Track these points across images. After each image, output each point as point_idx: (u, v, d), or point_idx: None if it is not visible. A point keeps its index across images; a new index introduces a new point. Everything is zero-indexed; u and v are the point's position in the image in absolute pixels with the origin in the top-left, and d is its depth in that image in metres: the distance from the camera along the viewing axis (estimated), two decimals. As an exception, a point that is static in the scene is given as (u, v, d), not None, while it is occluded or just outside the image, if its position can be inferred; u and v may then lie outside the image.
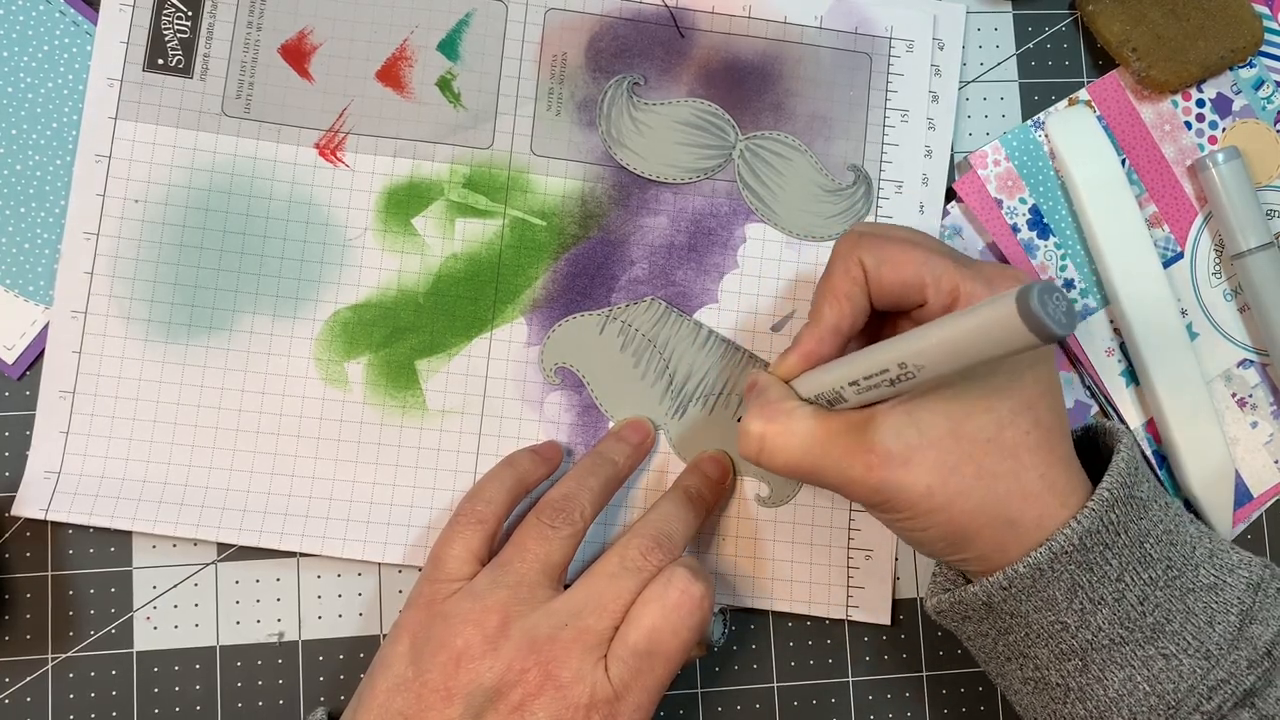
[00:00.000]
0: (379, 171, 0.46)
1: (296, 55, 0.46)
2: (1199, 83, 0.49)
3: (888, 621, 0.47)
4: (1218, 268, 0.49)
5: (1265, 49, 0.49)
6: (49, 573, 0.45)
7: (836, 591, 0.47)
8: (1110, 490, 0.36)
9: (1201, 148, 0.49)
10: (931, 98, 0.48)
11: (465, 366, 0.46)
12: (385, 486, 0.46)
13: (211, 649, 0.45)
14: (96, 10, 0.45)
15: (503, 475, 0.43)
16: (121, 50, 0.46)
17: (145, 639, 0.45)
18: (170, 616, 0.45)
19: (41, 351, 0.45)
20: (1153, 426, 0.48)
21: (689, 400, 0.47)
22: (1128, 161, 0.48)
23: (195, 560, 0.45)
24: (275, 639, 0.46)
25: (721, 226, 0.47)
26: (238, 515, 0.45)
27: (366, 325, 0.46)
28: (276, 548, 0.45)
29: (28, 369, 0.46)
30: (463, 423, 0.46)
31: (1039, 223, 0.48)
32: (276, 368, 0.46)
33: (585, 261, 0.47)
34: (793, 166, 0.47)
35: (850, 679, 0.47)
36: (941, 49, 0.48)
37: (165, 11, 0.46)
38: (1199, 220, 0.49)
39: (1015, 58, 0.49)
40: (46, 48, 0.46)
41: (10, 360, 0.45)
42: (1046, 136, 0.48)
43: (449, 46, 0.47)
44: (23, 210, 0.45)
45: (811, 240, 0.47)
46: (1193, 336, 0.48)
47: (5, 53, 0.45)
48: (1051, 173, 0.48)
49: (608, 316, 0.47)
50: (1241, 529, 0.48)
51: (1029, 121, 0.48)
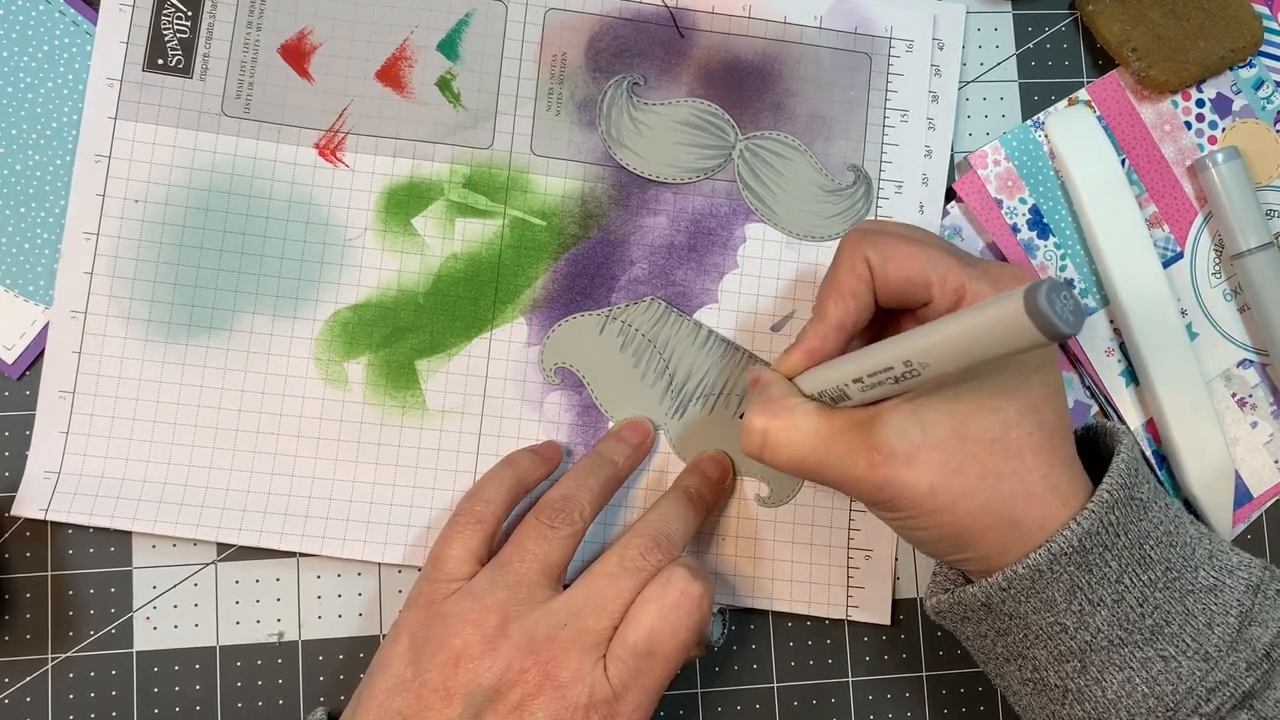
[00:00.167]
0: (379, 171, 0.46)
1: (296, 55, 0.46)
2: (1199, 83, 0.49)
3: (888, 621, 0.47)
4: (1217, 268, 0.49)
5: (1265, 49, 0.49)
6: (49, 573, 0.45)
7: (836, 591, 0.47)
8: (1110, 492, 0.36)
9: (1201, 148, 0.49)
10: (931, 98, 0.48)
11: (465, 366, 0.46)
12: (385, 486, 0.46)
13: (211, 649, 0.45)
14: (96, 10, 0.45)
15: (502, 475, 0.43)
16: (121, 50, 0.46)
17: (145, 639, 0.45)
18: (170, 616, 0.45)
19: (41, 351, 0.45)
20: (1153, 426, 0.48)
21: (689, 400, 0.47)
22: (1128, 161, 0.48)
23: (195, 560, 0.45)
24: (275, 639, 0.46)
25: (721, 226, 0.47)
26: (238, 515, 0.45)
27: (366, 325, 0.46)
28: (276, 548, 0.45)
29: (28, 369, 0.46)
30: (463, 423, 0.46)
31: (1039, 223, 0.47)
32: (276, 368, 0.46)
33: (585, 261, 0.47)
34: (793, 166, 0.47)
35: (850, 679, 0.47)
36: (941, 49, 0.48)
37: (165, 11, 0.46)
38: (1199, 220, 0.48)
39: (1015, 58, 0.49)
40: (46, 48, 0.46)
41: (10, 360, 0.45)
42: (1046, 136, 0.48)
43: (449, 46, 0.47)
44: (23, 210, 0.45)
45: (811, 240, 0.47)
46: (1193, 336, 0.48)
47: (5, 53, 0.45)
48: (1051, 173, 0.48)
49: (608, 316, 0.47)
50: (1241, 529, 0.48)
51: (1029, 121, 0.48)
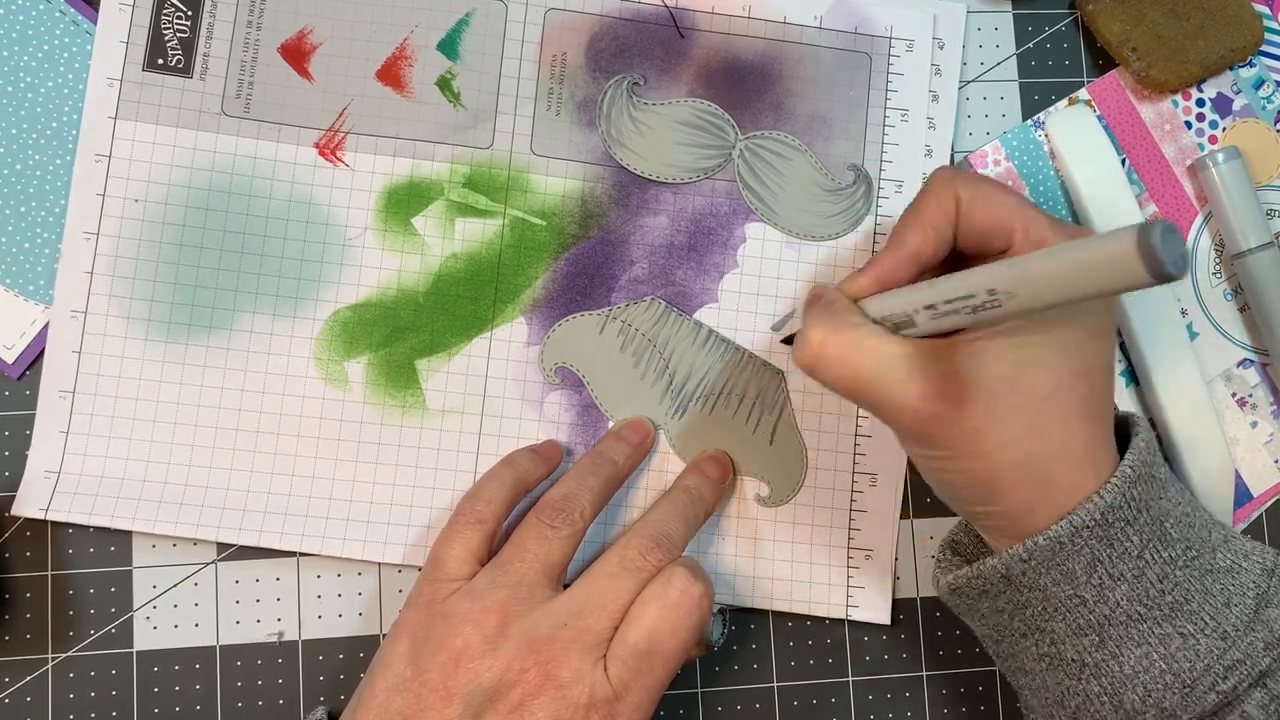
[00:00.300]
0: (379, 171, 0.46)
1: (296, 55, 0.46)
2: (1199, 82, 0.49)
3: (888, 621, 0.47)
4: (1218, 267, 0.49)
5: (1265, 48, 0.49)
6: (49, 572, 0.45)
7: (836, 591, 0.47)
8: (1133, 468, 0.36)
9: (1201, 147, 0.49)
10: (931, 97, 0.48)
11: (465, 366, 0.46)
12: (385, 486, 0.46)
13: (211, 649, 0.45)
14: (96, 10, 0.45)
15: (502, 475, 0.43)
16: (121, 50, 0.46)
17: (145, 639, 0.45)
18: (170, 616, 0.45)
19: (41, 351, 0.45)
20: (1153, 426, 0.48)
21: (689, 400, 0.47)
22: (1128, 161, 0.48)
23: (195, 560, 0.45)
24: (275, 639, 0.46)
25: (721, 226, 0.47)
26: (238, 515, 0.45)
27: (366, 325, 0.46)
28: (276, 547, 0.45)
29: (28, 369, 0.46)
30: (463, 422, 0.46)
31: (1039, 222, 0.47)
32: (276, 367, 0.46)
33: (585, 261, 0.47)
34: (793, 166, 0.47)
35: (850, 679, 0.47)
36: (941, 48, 0.48)
37: (165, 11, 0.46)
38: (1199, 220, 0.49)
39: (1015, 57, 0.49)
40: (46, 48, 0.46)
41: (10, 360, 0.45)
42: (1046, 136, 0.48)
43: (449, 46, 0.47)
44: (23, 210, 0.45)
45: (811, 240, 0.47)
46: (1193, 336, 0.48)
47: (5, 53, 0.45)
48: (1051, 172, 0.48)
49: (608, 316, 0.47)
50: (1241, 529, 0.48)
51: (1029, 121, 0.48)
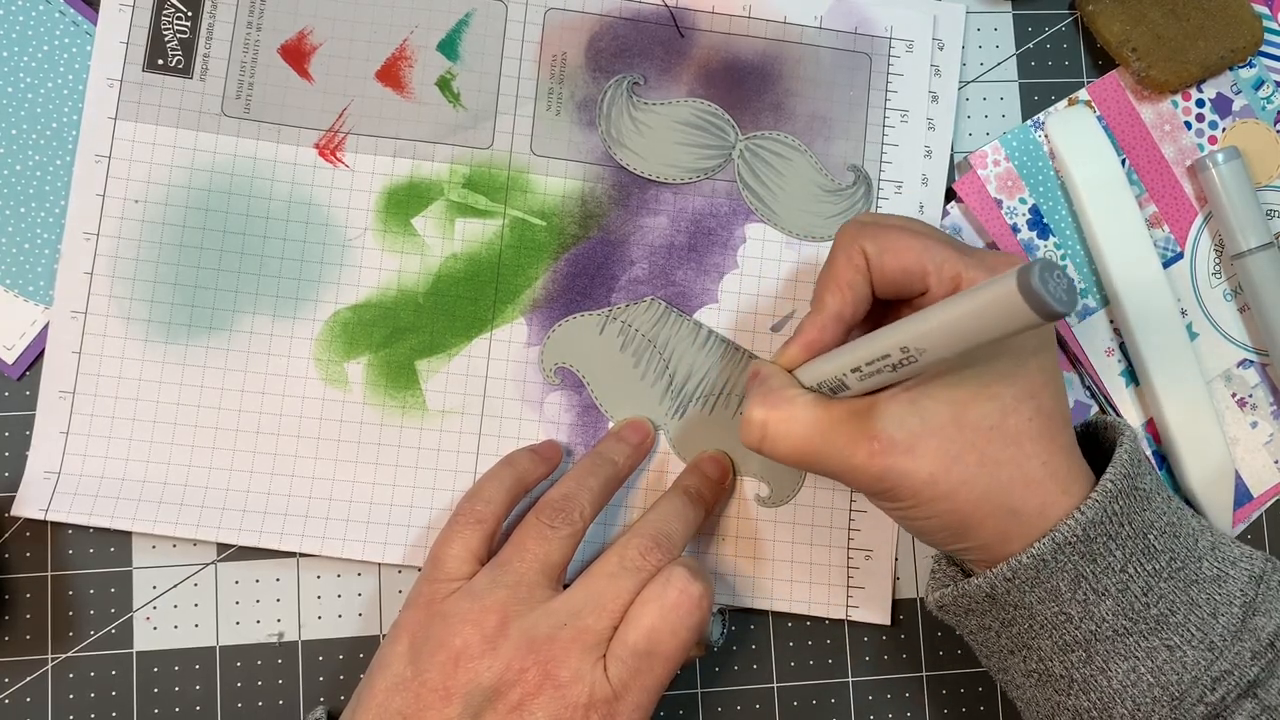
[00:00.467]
0: (379, 171, 0.46)
1: (296, 55, 0.46)
2: (1199, 83, 0.49)
3: (888, 621, 0.47)
4: (1218, 268, 0.49)
5: (1265, 49, 0.49)
6: (49, 573, 0.45)
7: (836, 591, 0.47)
8: (1114, 481, 0.36)
9: (1201, 148, 0.49)
10: (931, 98, 0.48)
11: (465, 366, 0.46)
12: (385, 486, 0.46)
13: (211, 649, 0.45)
14: (96, 10, 0.46)
15: (502, 475, 0.43)
16: (121, 50, 0.46)
17: (145, 639, 0.45)
18: (170, 616, 0.45)
19: (41, 351, 0.45)
20: (1153, 426, 0.48)
21: (689, 400, 0.47)
22: (1128, 161, 0.48)
23: (195, 560, 0.45)
24: (275, 639, 0.46)
25: (721, 226, 0.47)
26: (238, 515, 0.45)
27: (366, 325, 0.46)
28: (276, 548, 0.45)
29: (28, 369, 0.46)
30: (463, 423, 0.46)
31: (1039, 223, 0.47)
32: (276, 368, 0.46)
33: (585, 261, 0.47)
34: (793, 166, 0.47)
35: (850, 679, 0.47)
36: (941, 49, 0.48)
37: (165, 12, 0.46)
38: (1199, 220, 0.48)
39: (1015, 58, 0.49)
40: (46, 48, 0.46)
41: (10, 360, 0.45)
42: (1046, 136, 0.48)
43: (449, 46, 0.47)
44: (23, 210, 0.45)
45: (811, 240, 0.47)
46: (1193, 336, 0.48)
47: (5, 53, 0.45)
48: (1051, 173, 0.48)
49: (608, 316, 0.47)
50: (1241, 529, 0.48)
51: (1029, 121, 0.48)
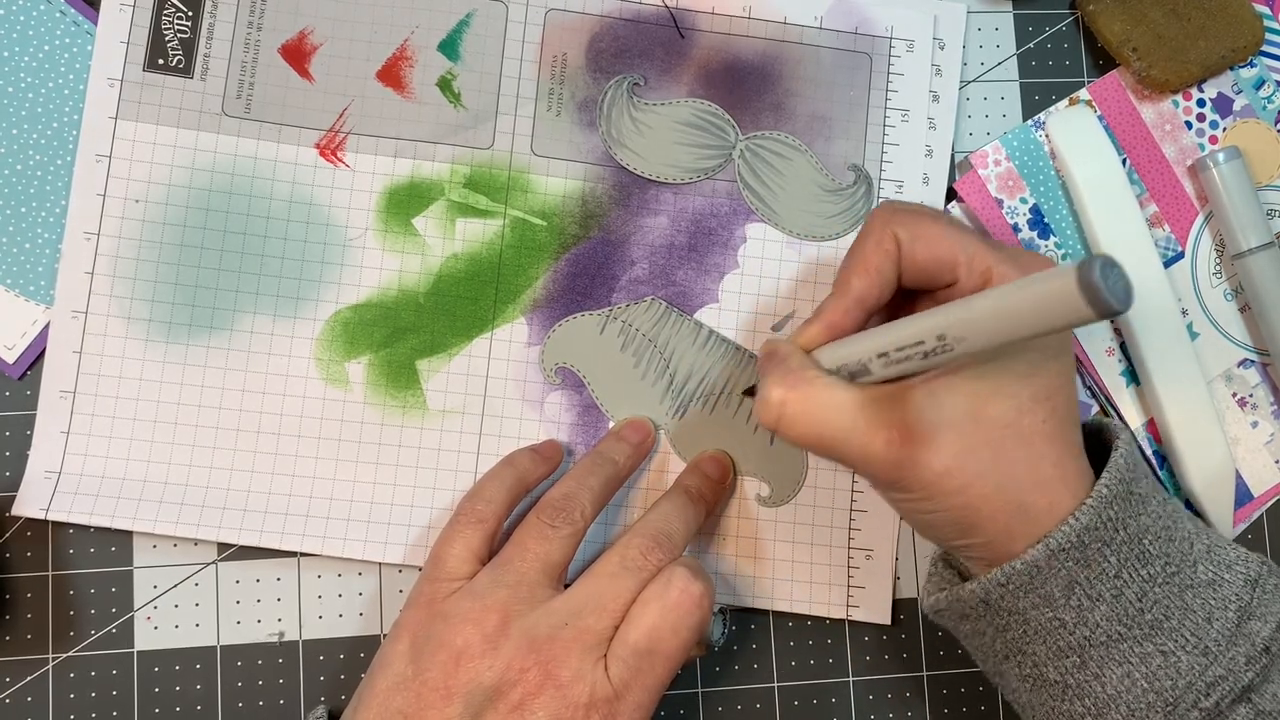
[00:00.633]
0: (379, 171, 0.46)
1: (297, 55, 0.46)
2: (1199, 82, 0.49)
3: (888, 621, 0.47)
4: (1218, 268, 0.49)
5: (1266, 49, 0.49)
6: (49, 573, 0.45)
7: (836, 591, 0.47)
8: (1109, 487, 0.36)
9: (1202, 147, 0.49)
10: (932, 97, 0.48)
11: (465, 366, 0.46)
12: (385, 486, 0.46)
13: (212, 649, 0.45)
14: (96, 10, 0.46)
15: (503, 474, 0.43)
16: (122, 50, 0.46)
17: (145, 639, 0.45)
18: (170, 616, 0.45)
19: (42, 351, 0.45)
20: (1153, 426, 0.48)
21: (689, 400, 0.47)
22: (1128, 161, 0.48)
23: (195, 560, 0.45)
24: (275, 639, 0.46)
25: (722, 226, 0.47)
26: (238, 515, 0.45)
27: (367, 325, 0.46)
28: (277, 547, 0.45)
29: (28, 369, 0.46)
30: (463, 423, 0.46)
31: (1039, 223, 0.47)
32: (277, 368, 0.46)
33: (586, 261, 0.47)
34: (793, 166, 0.47)
35: (850, 679, 0.47)
36: (942, 49, 0.48)
37: (165, 11, 0.46)
38: (1199, 220, 0.48)
39: (1016, 57, 0.49)
40: (46, 48, 0.46)
41: (11, 360, 0.45)
42: (1047, 136, 0.48)
43: (449, 47, 0.47)
44: (23, 210, 0.45)
45: (812, 240, 0.47)
46: (1193, 336, 0.48)
47: (5, 53, 0.45)
48: (1052, 172, 0.48)
49: (608, 316, 0.47)
50: (1242, 529, 0.48)
51: (1029, 121, 0.48)
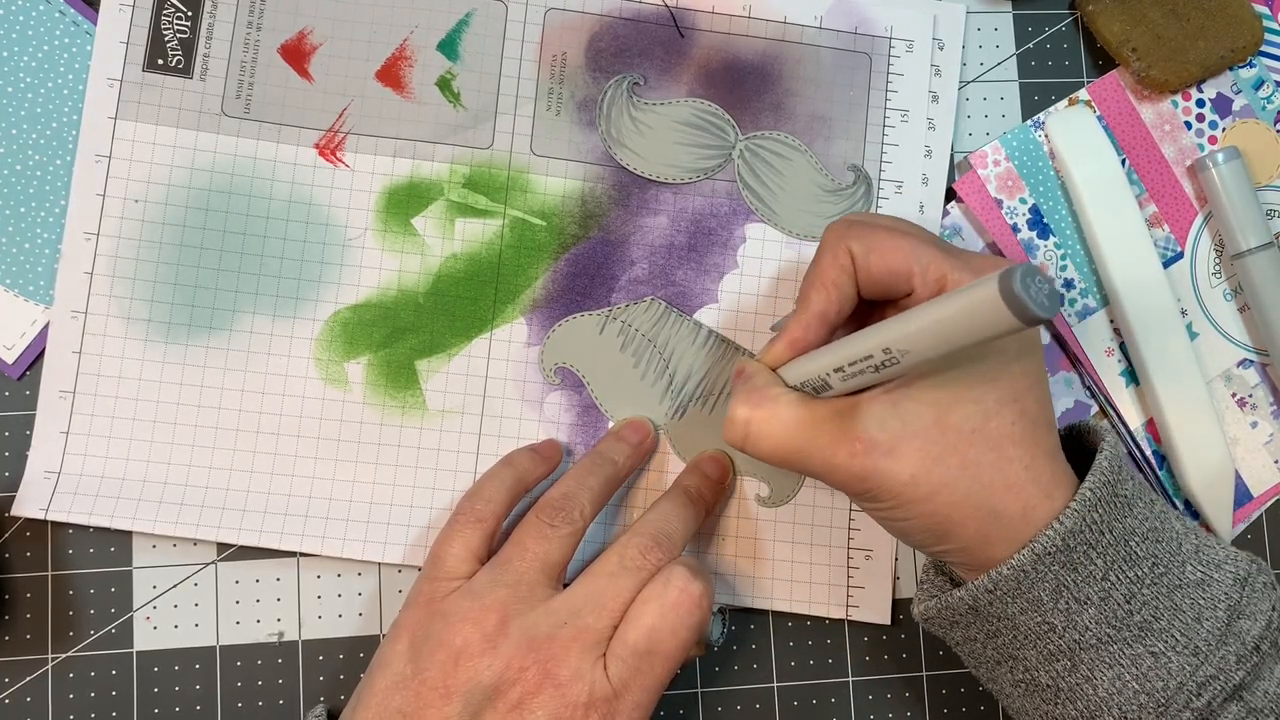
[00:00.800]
0: (379, 171, 0.46)
1: (296, 55, 0.46)
2: (1199, 83, 0.49)
3: (888, 621, 0.47)
4: (1218, 268, 0.49)
5: (1265, 49, 0.49)
6: (49, 573, 0.45)
7: (836, 591, 0.47)
8: (1093, 490, 0.36)
9: (1201, 148, 0.49)
10: (931, 98, 0.48)
11: (465, 366, 0.46)
12: (385, 486, 0.46)
13: (211, 649, 0.45)
14: (96, 10, 0.46)
15: (502, 474, 0.43)
16: (121, 50, 0.46)
17: (145, 639, 0.45)
18: (170, 616, 0.45)
19: (42, 351, 0.45)
20: (1153, 426, 0.48)
21: (689, 400, 0.47)
22: (1128, 161, 0.48)
23: (195, 560, 0.45)
24: (275, 639, 0.46)
25: (721, 226, 0.47)
26: (238, 515, 0.45)
27: (366, 325, 0.46)
28: (276, 548, 0.45)
29: (28, 369, 0.46)
30: (463, 423, 0.46)
31: (1039, 223, 0.47)
32: (276, 368, 0.46)
33: (585, 261, 0.47)
34: (793, 166, 0.47)
35: (850, 679, 0.47)
36: (941, 49, 0.48)
37: (165, 11, 0.46)
38: (1199, 220, 0.49)
39: (1015, 58, 0.49)
40: (46, 48, 0.46)
41: (10, 360, 0.45)
42: (1046, 136, 0.48)
43: (449, 46, 0.47)
44: (23, 210, 0.45)
45: (811, 240, 0.47)
46: (1193, 336, 0.48)
47: (5, 53, 0.45)
48: (1051, 173, 0.48)
49: (608, 316, 0.47)
50: (1241, 529, 0.48)
51: (1029, 121, 0.48)
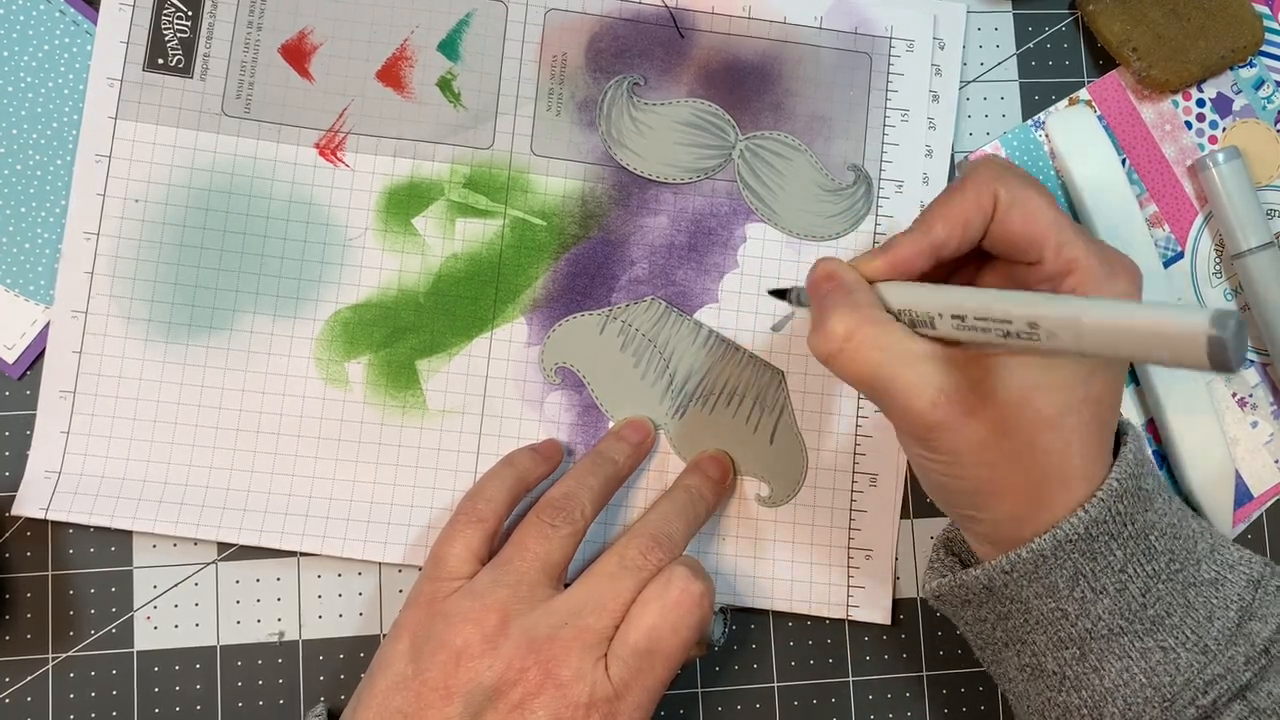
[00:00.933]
0: (379, 171, 0.46)
1: (297, 55, 0.46)
2: (1199, 82, 0.49)
3: (888, 621, 0.47)
4: (1218, 267, 0.49)
5: (1265, 49, 0.49)
6: (49, 572, 0.45)
7: (836, 591, 0.47)
8: (1119, 481, 0.36)
9: (1202, 147, 0.49)
10: (932, 97, 0.48)
11: (465, 366, 0.46)
12: (385, 486, 0.46)
13: (212, 649, 0.45)
14: (96, 10, 0.45)
15: (503, 474, 0.43)
16: (121, 50, 0.46)
17: (145, 639, 0.45)
18: (170, 616, 0.45)
19: (42, 351, 0.45)
20: (1153, 426, 0.48)
21: (689, 400, 0.47)
22: (1128, 161, 0.48)
23: (195, 560, 0.45)
24: (275, 639, 0.46)
25: (721, 226, 0.47)
26: (238, 515, 0.45)
27: (367, 325, 0.46)
28: (277, 547, 0.45)
29: (28, 369, 0.46)
30: (463, 423, 0.46)
31: (1039, 222, 0.47)
32: (277, 368, 0.46)
33: (585, 261, 0.47)
34: (793, 166, 0.47)
35: (850, 679, 0.47)
36: (942, 49, 0.48)
37: (165, 11, 0.46)
38: (1199, 220, 0.49)
39: (1015, 57, 0.49)
40: (46, 48, 0.46)
41: (10, 360, 0.45)
42: (1047, 136, 0.48)
43: (449, 46, 0.47)
44: (23, 210, 0.45)
45: (812, 240, 0.47)
46: (1193, 336, 0.48)
47: (5, 53, 0.45)
48: (1052, 172, 0.48)
49: (608, 316, 0.47)
50: (1241, 529, 0.48)
51: (1029, 121, 0.48)
